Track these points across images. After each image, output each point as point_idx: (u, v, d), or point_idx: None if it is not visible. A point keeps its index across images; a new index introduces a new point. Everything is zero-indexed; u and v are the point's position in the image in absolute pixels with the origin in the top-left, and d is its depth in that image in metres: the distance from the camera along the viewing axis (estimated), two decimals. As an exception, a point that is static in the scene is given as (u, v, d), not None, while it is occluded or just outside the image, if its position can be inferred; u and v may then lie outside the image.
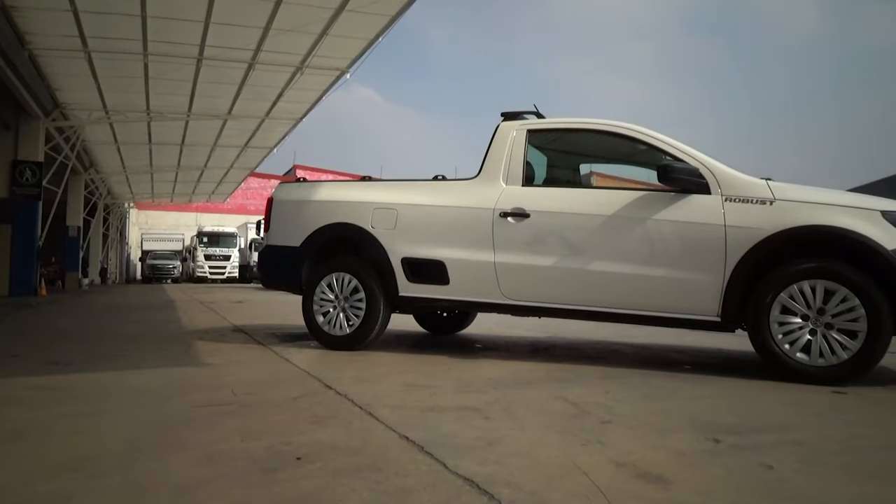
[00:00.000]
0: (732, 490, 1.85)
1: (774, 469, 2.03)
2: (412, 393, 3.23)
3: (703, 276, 3.83)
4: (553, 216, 4.24)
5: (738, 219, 3.78)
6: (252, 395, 3.17)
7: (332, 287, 4.79)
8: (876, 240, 3.50)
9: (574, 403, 2.97)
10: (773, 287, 3.65)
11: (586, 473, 1.95)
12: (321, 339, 4.83)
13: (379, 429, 2.50)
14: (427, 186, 4.75)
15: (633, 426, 2.57)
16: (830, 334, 3.55)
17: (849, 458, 2.17)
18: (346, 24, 10.34)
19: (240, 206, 38.98)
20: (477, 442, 2.30)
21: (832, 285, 3.55)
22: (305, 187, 5.29)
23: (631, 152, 4.72)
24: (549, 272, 4.18)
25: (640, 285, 3.99)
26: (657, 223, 3.96)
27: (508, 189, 4.40)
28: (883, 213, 3.60)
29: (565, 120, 4.63)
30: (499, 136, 4.58)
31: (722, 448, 2.27)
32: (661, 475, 1.95)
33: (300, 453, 2.15)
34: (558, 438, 2.38)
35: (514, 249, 4.28)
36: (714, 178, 3.93)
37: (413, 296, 4.61)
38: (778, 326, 3.65)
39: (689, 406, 3.01)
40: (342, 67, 12.42)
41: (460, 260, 4.42)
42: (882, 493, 1.85)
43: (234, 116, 15.62)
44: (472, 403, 2.96)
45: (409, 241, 4.58)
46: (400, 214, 4.65)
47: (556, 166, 5.22)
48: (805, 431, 2.51)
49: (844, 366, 3.52)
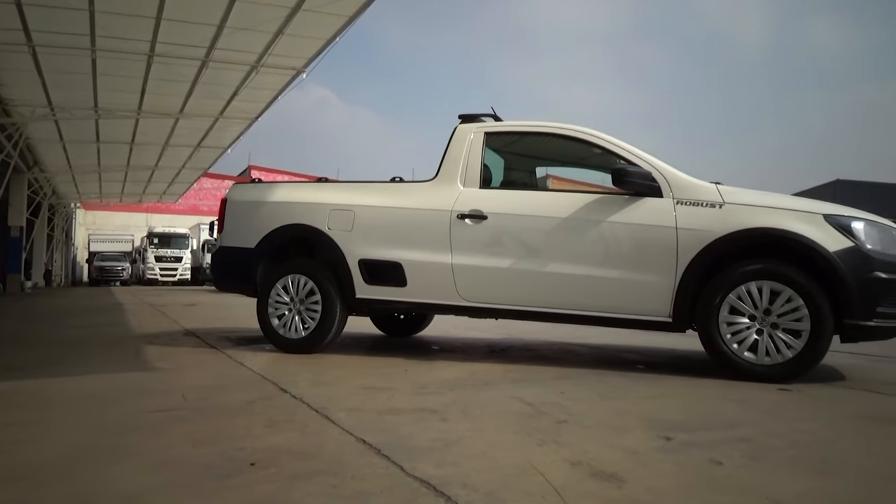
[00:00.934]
0: (683, 486, 1.89)
1: (723, 465, 2.09)
2: (369, 395, 3.21)
3: (655, 277, 3.92)
4: (510, 218, 4.27)
5: (689, 222, 3.87)
6: (204, 400, 3.11)
7: (288, 289, 4.73)
8: (818, 242, 3.64)
9: (530, 404, 3.00)
10: (721, 288, 3.76)
11: (542, 473, 1.97)
12: (276, 343, 4.76)
13: (335, 432, 2.48)
14: (384, 188, 4.73)
15: (588, 426, 2.61)
16: (776, 334, 3.68)
17: (793, 453, 2.24)
18: (303, 23, 10.22)
19: (192, 206, 38.15)
20: (434, 444, 2.30)
21: (778, 286, 3.67)
22: (260, 188, 5.21)
23: (586, 156, 4.80)
24: (506, 274, 4.22)
25: (595, 287, 4.05)
26: (611, 226, 4.03)
27: (466, 191, 4.42)
28: (825, 216, 3.74)
29: (522, 123, 4.67)
30: (456, 138, 4.60)
31: (673, 445, 2.32)
32: (615, 473, 1.99)
33: (254, 458, 2.11)
34: (515, 439, 2.40)
35: (471, 251, 4.30)
36: (666, 181, 4.02)
37: (370, 298, 4.58)
38: (726, 326, 3.75)
39: (642, 405, 3.07)
40: (298, 67, 12.27)
41: (418, 262, 4.41)
42: (823, 486, 1.92)
43: (187, 115, 15.27)
44: (429, 405, 2.96)
45: (366, 242, 4.56)
46: (357, 216, 4.62)
47: (513, 169, 5.26)
48: (752, 428, 2.59)
49: (789, 364, 3.64)
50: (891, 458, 2.26)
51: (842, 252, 3.61)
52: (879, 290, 3.61)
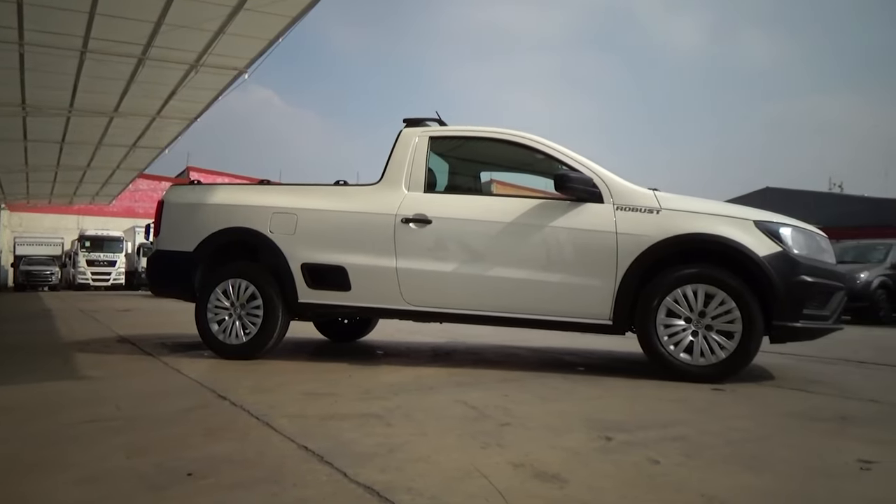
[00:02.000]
0: (623, 485, 1.94)
1: (660, 463, 2.15)
2: (312, 401, 3.16)
3: (596, 281, 4.00)
4: (454, 222, 4.29)
5: (628, 227, 3.98)
6: (139, 409, 3.00)
7: (228, 294, 4.62)
8: (749, 247, 3.79)
9: (474, 407, 3.01)
10: (659, 291, 3.87)
11: (485, 476, 1.99)
12: (216, 349, 4.64)
13: (277, 439, 2.43)
14: (328, 191, 4.68)
15: (530, 427, 2.64)
16: (710, 335, 3.81)
17: (726, 451, 2.33)
18: (245, 22, 10.01)
19: (127, 208, 36.82)
20: (378, 449, 2.29)
21: (712, 289, 3.81)
22: (200, 190, 5.08)
23: (529, 161, 4.87)
24: (450, 278, 4.23)
25: (538, 290, 4.11)
26: (553, 230, 4.10)
27: (410, 195, 4.41)
28: (755, 222, 3.90)
29: (467, 128, 4.70)
30: (401, 142, 4.59)
31: (613, 445, 2.37)
32: (557, 474, 2.02)
33: (192, 469, 2.05)
34: (459, 442, 2.41)
35: (416, 255, 4.29)
36: (607, 187, 4.11)
37: (313, 302, 4.52)
38: (663, 328, 3.87)
39: (582, 406, 3.13)
40: (240, 67, 12.01)
41: (362, 266, 4.38)
42: (755, 481, 2.00)
43: (122, 114, 14.73)
44: (373, 410, 2.94)
45: (309, 246, 4.50)
46: (300, 219, 4.55)
47: (458, 173, 5.29)
48: (687, 427, 2.68)
49: (722, 364, 3.78)
50: (815, 453, 2.37)
51: (771, 257, 3.77)
52: (805, 293, 3.79)
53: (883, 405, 3.27)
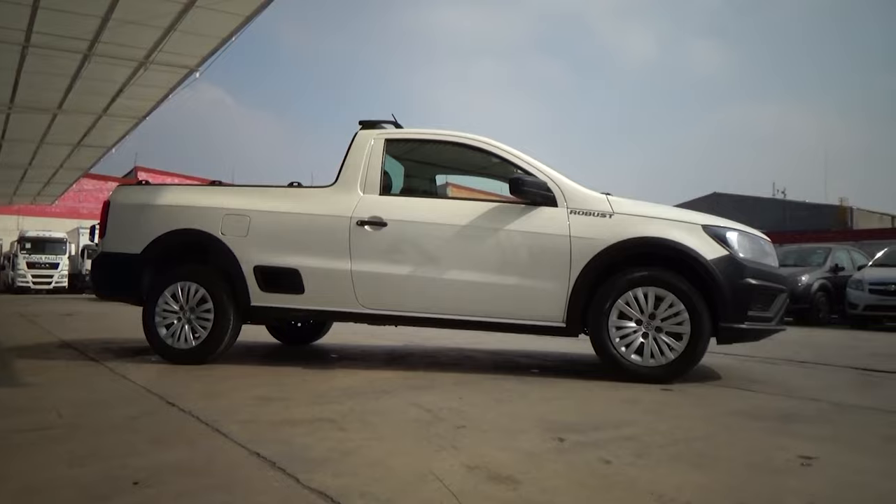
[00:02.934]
0: (575, 485, 1.96)
1: (612, 463, 2.18)
2: (264, 406, 3.11)
3: (550, 284, 4.05)
4: (410, 225, 4.28)
5: (582, 230, 4.04)
6: (82, 417, 2.90)
7: (177, 297, 4.51)
8: (698, 250, 3.89)
9: (429, 410, 3.01)
10: (611, 294, 3.94)
11: (440, 479, 1.99)
12: (164, 353, 4.52)
13: (227, 446, 2.38)
14: (282, 193, 4.62)
15: (485, 430, 2.66)
16: (660, 337, 3.90)
17: (674, 450, 2.38)
18: (197, 20, 9.81)
19: (71, 209, 35.59)
20: (331, 454, 2.26)
21: (661, 292, 3.90)
22: (148, 191, 4.94)
23: (485, 165, 4.90)
24: (405, 281, 4.22)
25: (493, 293, 4.13)
26: (508, 233, 4.13)
27: (366, 197, 4.39)
28: (703, 226, 4.01)
29: (423, 131, 4.70)
30: (356, 144, 4.56)
31: (566, 446, 2.40)
32: (511, 476, 2.03)
33: (138, 477, 1.99)
34: (413, 445, 2.40)
35: (371, 258, 4.27)
36: (560, 191, 4.17)
37: (266, 305, 4.45)
38: (615, 330, 3.94)
39: (536, 408, 3.16)
40: (191, 65, 11.75)
41: (316, 268, 4.33)
42: (701, 479, 2.05)
43: (66, 111, 14.24)
44: (326, 415, 2.90)
45: (262, 248, 4.42)
46: (253, 221, 4.48)
47: (413, 176, 5.28)
48: (638, 427, 2.73)
49: (672, 365, 3.88)
50: (759, 450, 2.45)
51: (717, 260, 3.88)
52: (750, 296, 3.92)
53: (822, 403, 3.40)
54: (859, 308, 11.16)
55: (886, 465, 2.26)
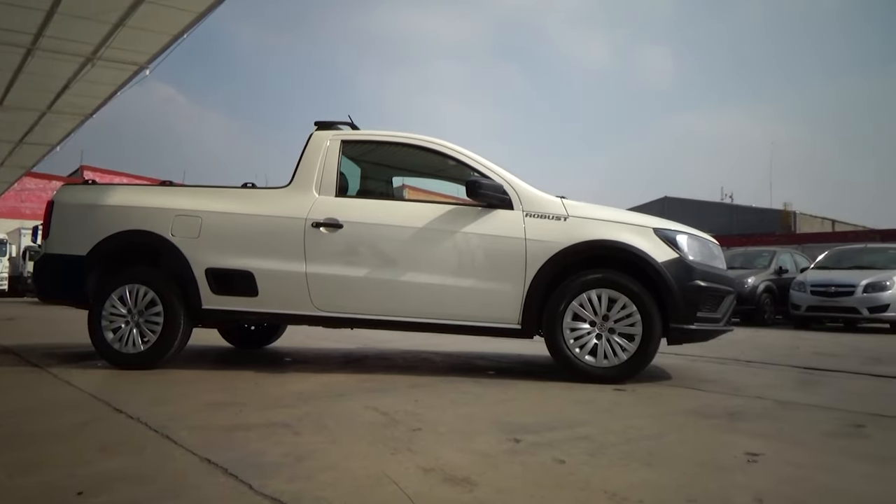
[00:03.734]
0: (530, 485, 1.98)
1: (566, 463, 2.21)
2: (216, 412, 3.05)
3: (505, 286, 4.08)
4: (366, 227, 4.26)
5: (537, 233, 4.08)
6: (23, 425, 2.78)
7: (125, 300, 4.38)
8: (649, 253, 3.98)
9: (385, 413, 3.00)
10: (565, 296, 4.00)
11: (396, 482, 1.98)
12: (111, 358, 4.38)
13: (177, 453, 2.32)
14: (235, 194, 4.54)
15: (440, 432, 2.66)
16: (613, 338, 3.97)
17: (626, 448, 2.43)
18: (147, 16, 9.55)
19: (12, 209, 34.23)
20: (286, 459, 2.23)
21: (614, 294, 3.97)
22: (95, 190, 4.79)
23: (441, 167, 4.91)
24: (361, 283, 4.19)
25: (449, 295, 4.14)
26: (465, 236, 4.15)
27: (321, 199, 4.35)
28: (655, 230, 4.11)
29: (379, 133, 4.68)
30: (312, 145, 4.52)
31: (521, 447, 2.42)
32: (466, 477, 2.03)
33: (82, 487, 1.92)
34: (369, 449, 2.39)
35: (326, 260, 4.23)
36: (516, 194, 4.21)
37: (218, 308, 4.36)
38: (570, 332, 4.00)
39: (492, 409, 3.18)
40: (141, 62, 11.44)
41: (270, 270, 4.27)
42: (652, 477, 2.10)
43: (7, 108, 13.68)
44: (280, 419, 2.86)
45: (214, 250, 4.34)
46: (205, 222, 4.38)
47: (370, 178, 5.26)
48: (591, 427, 2.77)
49: (624, 366, 3.95)
50: (708, 448, 2.51)
51: (668, 262, 3.97)
52: (699, 297, 4.02)
53: (767, 401, 3.52)
54: (802, 309, 11.58)
55: (826, 460, 2.34)
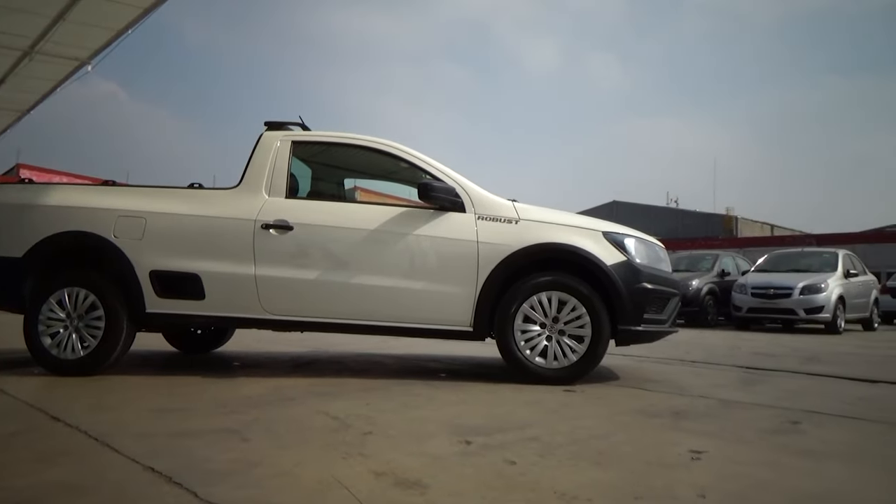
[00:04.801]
0: (481, 487, 1.99)
1: (516, 464, 2.23)
2: (160, 418, 2.96)
3: (457, 288, 4.10)
4: (317, 229, 4.22)
5: (489, 236, 4.11)
6: (-48, 435, 2.65)
7: (64, 304, 4.21)
8: (599, 256, 4.06)
9: (336, 417, 2.97)
10: (516, 298, 4.04)
11: (347, 487, 1.96)
12: (48, 365, 4.20)
13: (119, 461, 2.25)
14: (181, 194, 4.42)
15: (392, 435, 2.65)
16: (563, 340, 4.04)
17: (575, 448, 2.47)
18: (90, 10, 9.25)
19: (-59, 208, 32.53)
20: (234, 465, 2.19)
21: (564, 296, 4.03)
22: (32, 190, 4.60)
23: (394, 169, 4.90)
24: (312, 286, 4.15)
25: (401, 298, 4.13)
26: (417, 238, 4.15)
27: (271, 200, 4.28)
28: (604, 233, 4.19)
29: (331, 134, 4.64)
30: (262, 145, 4.44)
31: (473, 449, 2.44)
32: (418, 480, 2.03)
33: (18, 499, 1.84)
34: (320, 454, 2.36)
35: (276, 262, 4.16)
36: (469, 197, 4.23)
37: (163, 312, 4.24)
38: (520, 334, 4.04)
39: (444, 411, 3.19)
40: (82, 58, 11.06)
41: (218, 273, 4.18)
42: (600, 476, 2.14)
43: (-64, 101, 13.06)
44: (229, 425, 2.80)
45: (159, 252, 4.22)
46: (149, 224, 4.26)
47: (321, 179, 5.21)
48: (541, 428, 2.81)
49: (574, 367, 4.02)
50: (654, 446, 2.58)
51: (616, 265, 4.06)
52: (646, 299, 4.12)
53: (710, 400, 3.63)
54: (743, 310, 12.00)
55: (765, 456, 2.43)
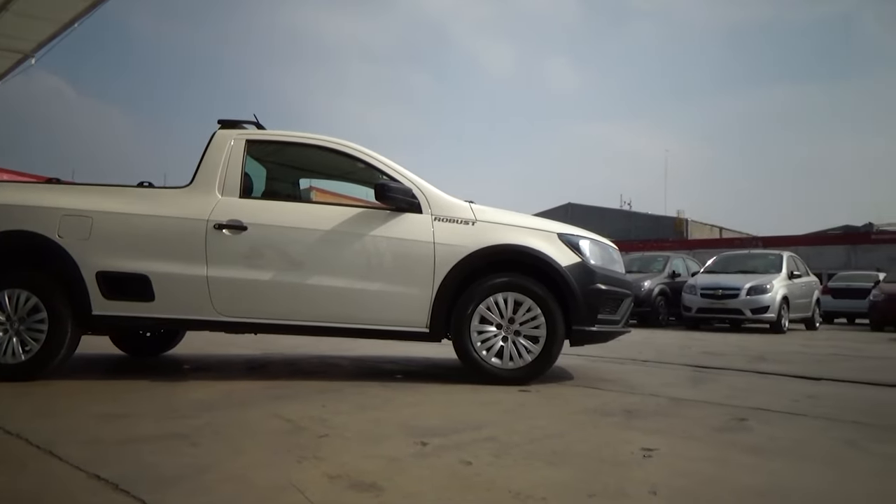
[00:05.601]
0: (438, 488, 1.99)
1: (472, 464, 2.24)
2: (107, 424, 2.87)
3: (414, 290, 4.09)
4: (272, 229, 4.15)
5: (446, 237, 4.12)
6: None
7: (4, 306, 4.04)
8: (554, 257, 4.10)
9: (290, 420, 2.93)
10: (473, 300, 4.05)
11: (301, 490, 1.93)
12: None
13: (63, 470, 2.17)
14: (130, 193, 4.30)
15: (347, 438, 2.63)
16: (518, 340, 4.07)
17: (531, 448, 2.49)
18: (34, 2, 8.93)
19: None
20: (184, 471, 2.13)
21: (520, 297, 4.06)
22: (-31, 187, 4.40)
23: (350, 170, 4.86)
24: (266, 287, 4.08)
25: (358, 299, 4.10)
26: (374, 239, 4.13)
27: (224, 200, 4.19)
28: (559, 235, 4.24)
29: (286, 133, 4.58)
30: (215, 144, 4.35)
31: (428, 450, 2.43)
32: (374, 483, 2.02)
33: (-49, 510, 1.76)
34: (274, 458, 2.32)
35: (229, 263, 4.08)
36: (425, 198, 4.23)
37: (111, 314, 4.11)
38: (477, 335, 4.05)
39: (400, 413, 3.18)
40: (26, 50, 10.68)
41: (168, 274, 4.07)
42: (555, 475, 2.16)
43: None
44: (179, 430, 2.73)
45: (106, 253, 4.08)
46: (96, 223, 4.12)
47: (276, 179, 5.13)
48: (497, 428, 2.82)
49: (529, 367, 4.05)
50: (607, 445, 2.62)
51: (571, 266, 4.11)
52: (600, 300, 4.19)
53: (661, 399, 3.71)
54: (693, 311, 12.31)
55: (714, 453, 2.50)
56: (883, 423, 3.18)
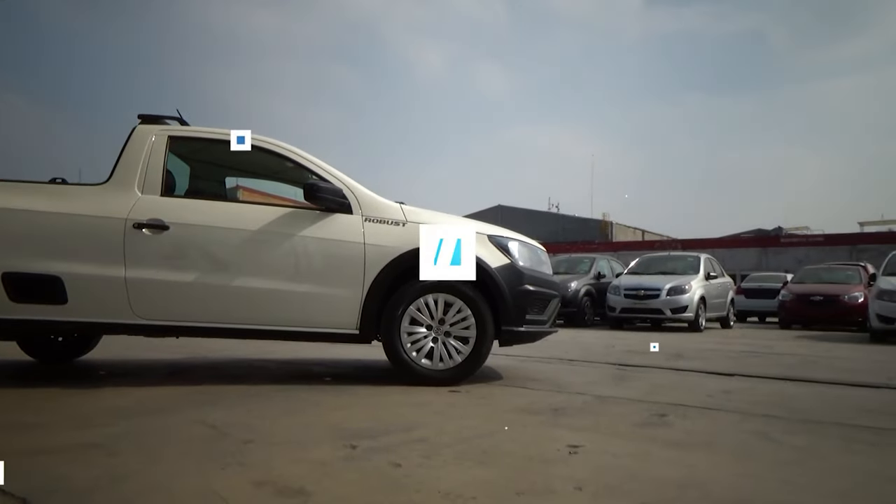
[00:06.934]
0: (367, 491, 1.97)
1: (402, 466, 2.23)
2: (14, 435, 2.70)
3: (343, 291, 4.04)
4: (195, 229, 4.02)
5: (376, 238, 4.09)
6: None
7: None
8: (484, 259, 4.14)
9: (214, 426, 2.84)
10: (403, 301, 4.05)
11: (224, 499, 1.88)
12: None
13: (-37, 484, 2.03)
14: (41, 190, 4.06)
15: (274, 443, 2.57)
16: (449, 341, 4.09)
17: (461, 448, 2.50)
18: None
19: None
20: (99, 482, 2.03)
21: (450, 298, 4.09)
22: None
23: (279, 169, 4.76)
24: (189, 289, 3.94)
25: (285, 301, 4.02)
26: (302, 240, 4.06)
27: (145, 198, 4.03)
28: (489, 237, 4.28)
29: (212, 130, 4.43)
30: (135, 139, 4.17)
31: (358, 453, 2.41)
32: (301, 488, 1.98)
33: None
34: (196, 466, 2.24)
35: (149, 264, 3.92)
36: (356, 199, 4.19)
37: (18, 318, 3.87)
38: (407, 336, 4.05)
39: (329, 416, 3.14)
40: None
41: (82, 275, 3.87)
42: (484, 474, 2.18)
43: None
44: (93, 439, 2.60)
45: (12, 252, 3.85)
46: (1, 221, 3.88)
47: (200, 177, 4.97)
48: (427, 429, 2.83)
49: (459, 368, 4.08)
50: (535, 443, 2.67)
51: (501, 268, 4.17)
52: (528, 301, 4.26)
53: (587, 397, 3.81)
54: (616, 311, 12.71)
55: (636, 448, 2.58)
56: (792, 416, 3.38)
